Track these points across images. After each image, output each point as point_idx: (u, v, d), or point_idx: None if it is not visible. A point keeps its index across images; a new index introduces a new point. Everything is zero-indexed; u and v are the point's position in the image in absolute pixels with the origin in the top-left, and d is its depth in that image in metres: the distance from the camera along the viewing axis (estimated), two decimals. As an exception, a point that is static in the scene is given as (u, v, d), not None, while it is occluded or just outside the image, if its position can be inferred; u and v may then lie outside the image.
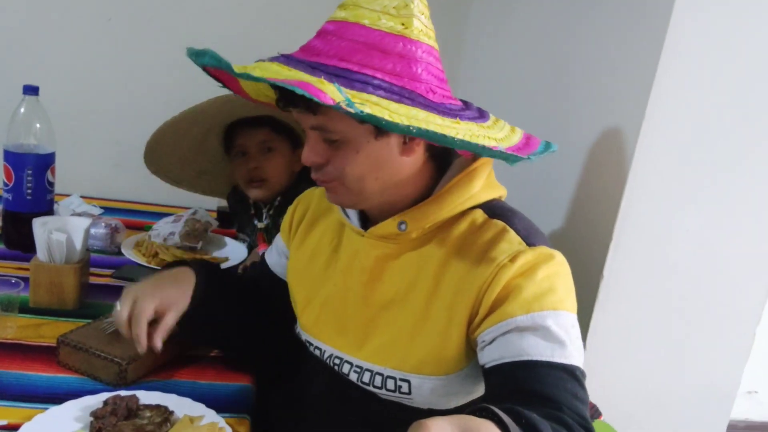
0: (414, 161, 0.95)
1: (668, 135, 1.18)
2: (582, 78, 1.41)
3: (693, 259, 1.25)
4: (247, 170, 1.52)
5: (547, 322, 0.84)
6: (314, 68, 0.85)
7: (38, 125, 1.50)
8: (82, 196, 1.92)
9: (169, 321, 1.05)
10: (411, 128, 0.81)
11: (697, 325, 1.29)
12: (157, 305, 1.04)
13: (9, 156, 1.48)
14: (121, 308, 1.04)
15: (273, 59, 0.88)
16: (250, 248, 1.70)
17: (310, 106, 0.87)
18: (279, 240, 1.21)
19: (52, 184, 1.54)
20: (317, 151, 0.94)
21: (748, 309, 1.30)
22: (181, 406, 1.01)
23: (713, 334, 1.30)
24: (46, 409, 0.97)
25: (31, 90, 1.48)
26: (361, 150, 0.91)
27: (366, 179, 0.93)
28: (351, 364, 1.01)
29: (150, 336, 1.04)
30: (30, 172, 1.49)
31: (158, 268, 1.52)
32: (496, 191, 0.99)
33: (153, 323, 1.04)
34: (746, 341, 1.31)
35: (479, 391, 0.97)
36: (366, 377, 0.99)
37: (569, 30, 1.50)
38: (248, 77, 0.83)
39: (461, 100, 0.98)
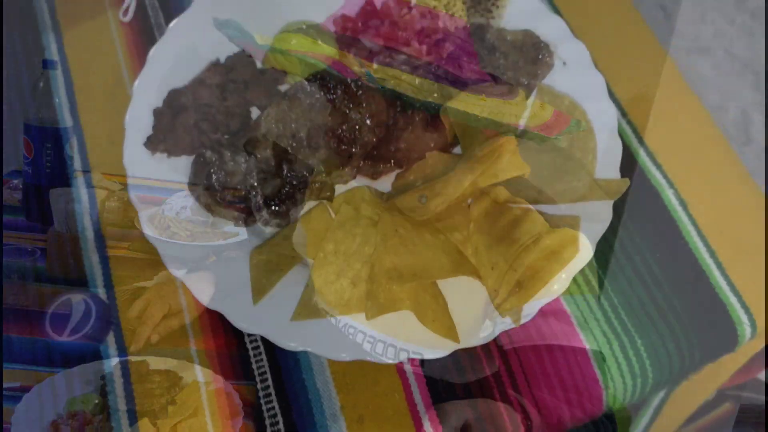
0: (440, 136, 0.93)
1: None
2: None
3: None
4: None
5: (571, 306, 0.84)
6: None
7: (57, 99, 1.52)
8: (104, 173, 1.94)
9: None
10: (434, 105, 0.79)
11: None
12: None
13: (28, 129, 1.51)
14: None
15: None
16: None
17: None
18: None
19: (71, 158, 1.56)
20: None
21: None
22: (190, 372, 1.02)
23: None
24: (58, 372, 0.98)
25: (50, 64, 1.50)
26: None
27: None
28: (365, 334, 1.01)
29: None
30: (49, 145, 1.51)
31: (174, 242, 1.53)
32: (520, 168, 0.96)
33: None
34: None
35: (493, 368, 0.96)
36: (379, 348, 0.98)
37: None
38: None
39: (490, 75, 0.96)
